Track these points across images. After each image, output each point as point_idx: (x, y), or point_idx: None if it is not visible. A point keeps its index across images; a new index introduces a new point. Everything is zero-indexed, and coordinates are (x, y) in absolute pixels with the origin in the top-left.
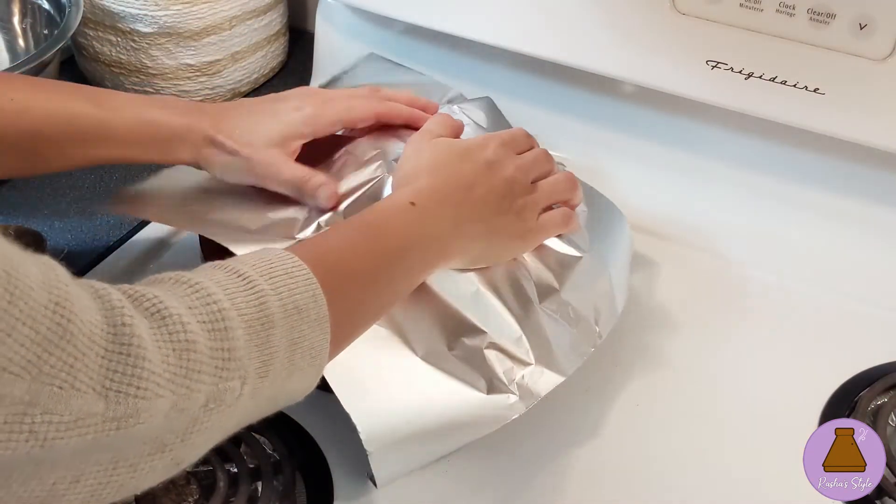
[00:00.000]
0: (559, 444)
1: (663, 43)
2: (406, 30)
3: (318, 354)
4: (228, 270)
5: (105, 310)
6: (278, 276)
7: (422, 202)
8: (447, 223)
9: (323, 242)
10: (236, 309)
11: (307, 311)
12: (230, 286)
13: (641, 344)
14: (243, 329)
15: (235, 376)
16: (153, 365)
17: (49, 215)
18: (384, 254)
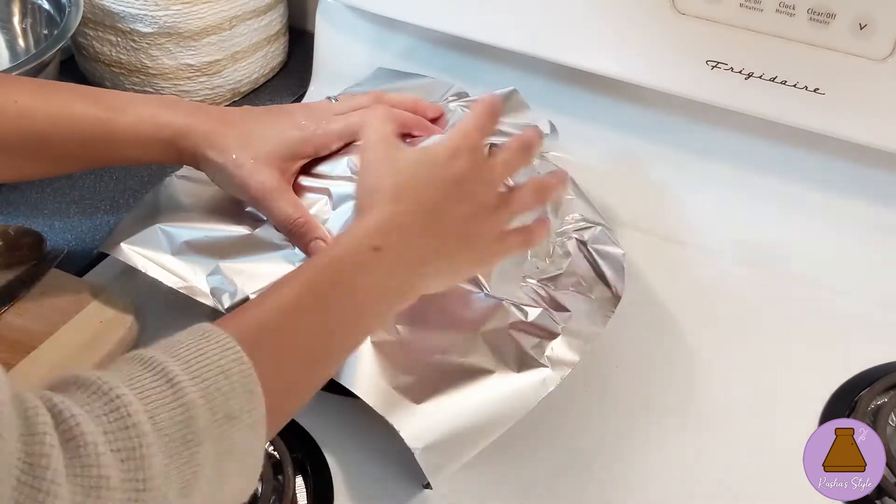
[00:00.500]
0: (559, 444)
1: (663, 43)
2: (406, 30)
3: (253, 457)
4: (156, 372)
5: (26, 435)
6: (212, 377)
7: (387, 244)
8: (412, 266)
9: (273, 307)
10: (157, 431)
11: (241, 417)
12: (155, 398)
13: (641, 344)
14: (163, 454)
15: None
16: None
17: (49, 215)
18: (342, 315)
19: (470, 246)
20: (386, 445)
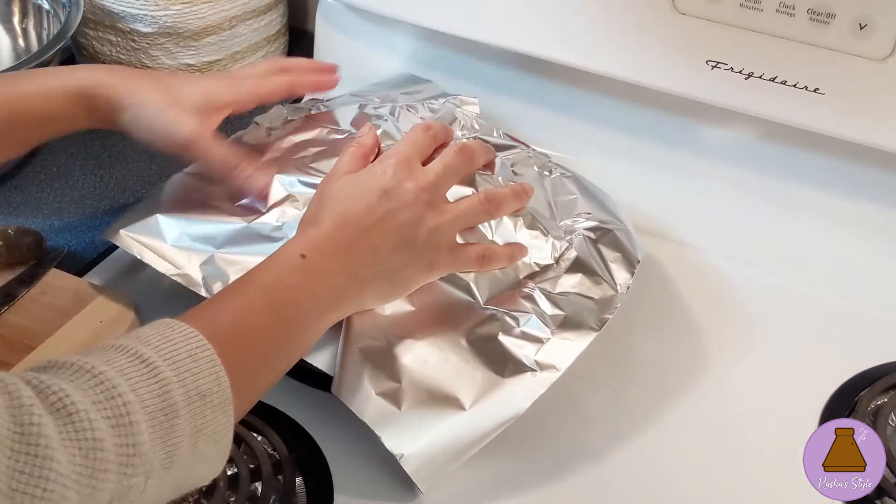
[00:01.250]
0: (559, 444)
1: (663, 43)
2: (406, 30)
3: (223, 438)
4: (130, 355)
5: (13, 408)
6: (182, 359)
7: (312, 254)
8: (339, 274)
9: (221, 309)
10: (140, 401)
11: (211, 395)
12: (133, 374)
13: (641, 344)
14: (147, 422)
15: (140, 472)
16: (60, 465)
17: (49, 215)
18: (279, 316)
19: (405, 251)
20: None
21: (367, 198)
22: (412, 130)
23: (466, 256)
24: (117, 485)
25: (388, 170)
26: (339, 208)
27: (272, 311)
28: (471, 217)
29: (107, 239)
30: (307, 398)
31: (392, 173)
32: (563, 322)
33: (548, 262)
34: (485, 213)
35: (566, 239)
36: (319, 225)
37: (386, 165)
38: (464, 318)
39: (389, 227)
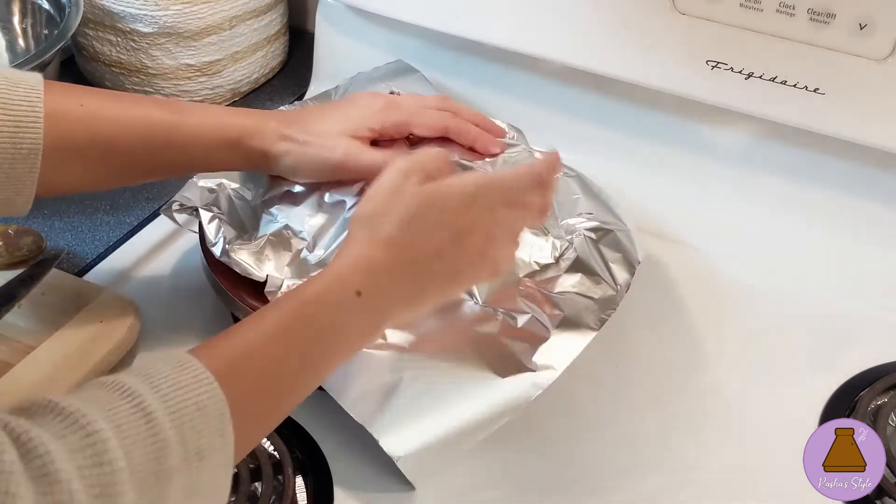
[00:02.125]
0: (558, 444)
1: (663, 43)
2: (406, 30)
3: (219, 493)
4: (134, 405)
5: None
6: (188, 412)
7: (368, 290)
8: (387, 311)
9: (251, 336)
10: (131, 468)
11: (211, 456)
12: (130, 432)
13: (642, 344)
14: (135, 491)
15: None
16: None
17: (49, 215)
18: (315, 350)
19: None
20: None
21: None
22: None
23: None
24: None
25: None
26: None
27: (310, 349)
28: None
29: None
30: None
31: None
32: (562, 322)
33: (548, 261)
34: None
35: (567, 238)
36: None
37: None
38: (462, 316)
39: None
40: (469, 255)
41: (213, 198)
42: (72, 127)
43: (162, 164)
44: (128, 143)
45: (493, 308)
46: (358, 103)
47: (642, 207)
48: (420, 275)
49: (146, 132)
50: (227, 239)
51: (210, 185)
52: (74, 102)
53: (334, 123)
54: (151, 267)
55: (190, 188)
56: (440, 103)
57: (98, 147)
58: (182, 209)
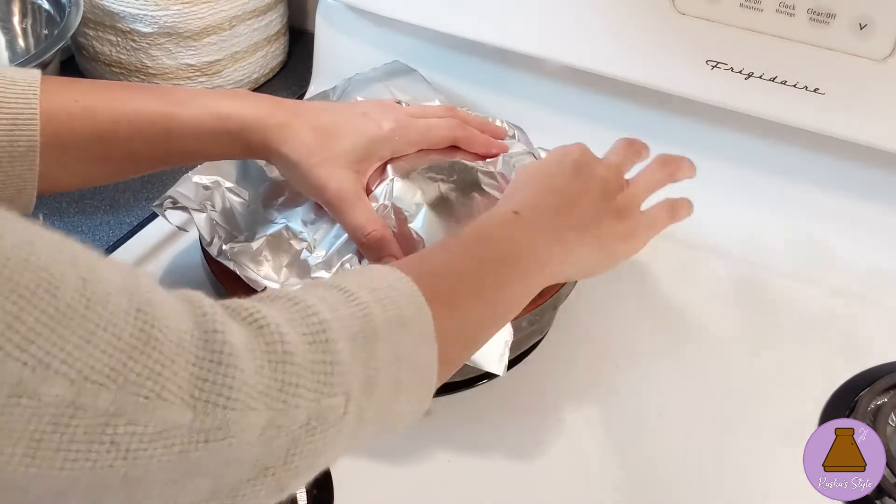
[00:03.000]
0: (557, 444)
1: (663, 43)
2: (406, 30)
3: (427, 373)
4: (328, 287)
5: (196, 315)
6: (381, 288)
7: (524, 211)
8: (548, 231)
9: (426, 257)
10: (339, 321)
11: (412, 324)
12: (331, 299)
13: (642, 343)
14: (346, 341)
15: (338, 392)
16: (246, 375)
17: (49, 215)
18: (488, 264)
19: (606, 220)
20: (386, 445)
21: (562, 170)
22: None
23: (659, 216)
24: (314, 403)
25: (573, 149)
26: (540, 181)
27: (480, 257)
28: (653, 183)
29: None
30: None
31: (578, 150)
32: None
33: None
34: (664, 175)
35: None
36: (524, 191)
37: (569, 148)
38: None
39: (589, 197)
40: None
41: (209, 195)
42: (68, 124)
43: (161, 156)
44: (126, 137)
45: None
46: (370, 118)
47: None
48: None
49: (144, 126)
50: (223, 239)
51: (205, 182)
52: (70, 99)
53: (341, 143)
54: (151, 267)
55: (184, 183)
56: (447, 114)
57: (96, 143)
58: (175, 207)
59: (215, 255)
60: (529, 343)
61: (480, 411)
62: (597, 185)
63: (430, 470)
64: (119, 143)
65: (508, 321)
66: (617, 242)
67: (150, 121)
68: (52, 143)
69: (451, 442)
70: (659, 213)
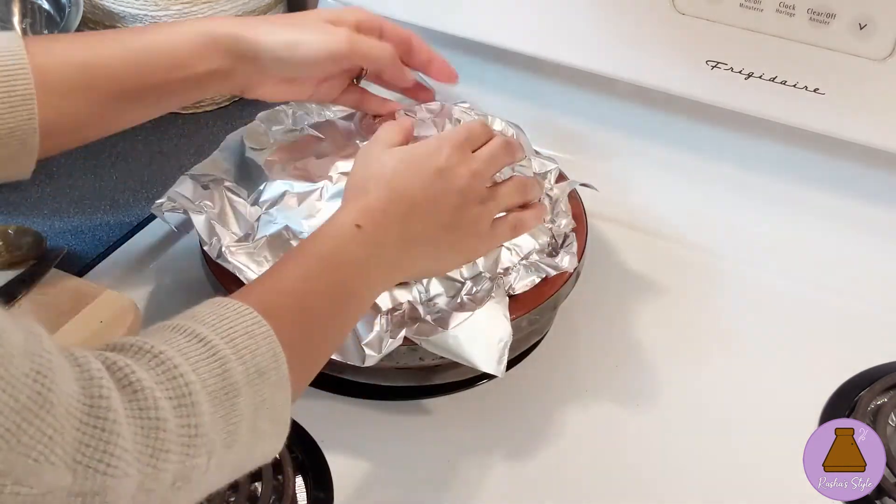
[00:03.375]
0: (557, 445)
1: (663, 43)
2: None
3: (281, 415)
4: (187, 334)
5: (83, 380)
6: (239, 337)
7: (367, 224)
8: (393, 245)
9: (278, 282)
10: (201, 381)
11: (269, 373)
12: (192, 354)
13: (641, 343)
14: (209, 402)
15: (202, 452)
16: (125, 442)
17: (49, 215)
18: (338, 288)
19: (456, 231)
20: (386, 445)
21: (421, 175)
22: (471, 122)
23: (502, 232)
24: (180, 465)
25: (444, 150)
26: (392, 180)
27: (329, 283)
28: (511, 199)
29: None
30: (307, 398)
31: (447, 154)
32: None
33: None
34: (522, 194)
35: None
36: (371, 194)
37: (441, 145)
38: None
39: (441, 207)
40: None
41: (208, 194)
42: (59, 65)
43: (155, 86)
44: (117, 74)
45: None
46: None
47: (642, 207)
48: (412, 212)
49: (133, 59)
50: (221, 239)
51: (204, 182)
52: (56, 44)
53: (317, 14)
54: (151, 267)
55: (182, 183)
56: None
57: (89, 83)
58: (173, 208)
59: (214, 256)
60: (529, 343)
61: (480, 411)
62: (453, 196)
63: (429, 470)
64: (111, 82)
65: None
66: (458, 254)
67: (138, 52)
68: (46, 88)
69: (451, 442)
70: (503, 230)
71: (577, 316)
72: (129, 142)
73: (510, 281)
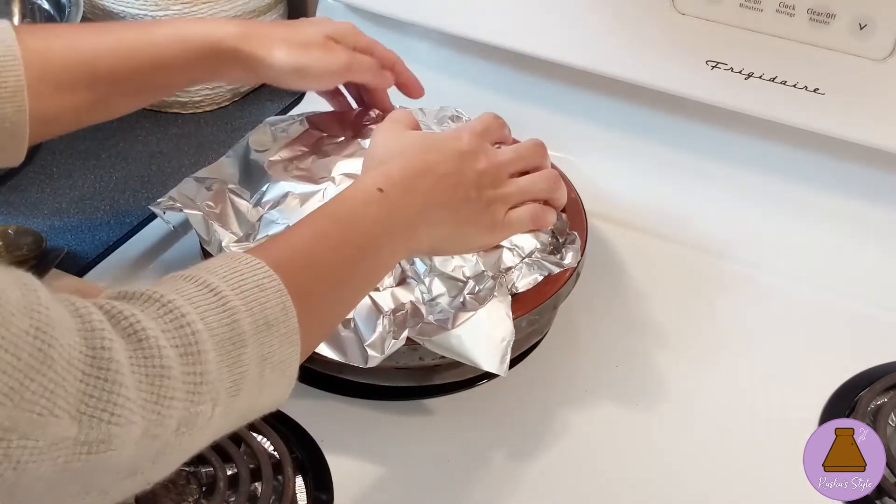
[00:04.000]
0: (557, 445)
1: (663, 43)
2: (406, 29)
3: (289, 367)
4: (199, 284)
5: (85, 331)
6: (249, 289)
7: (389, 188)
8: (414, 209)
9: (293, 239)
10: (208, 329)
11: (277, 325)
12: (201, 303)
13: (641, 343)
14: (215, 351)
15: (207, 399)
16: (128, 391)
17: (49, 215)
18: (354, 247)
19: (474, 205)
20: (386, 445)
21: (442, 153)
22: (485, 115)
23: (520, 219)
24: (184, 412)
25: (464, 136)
26: (414, 154)
27: (345, 242)
28: (532, 192)
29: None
30: (307, 398)
31: (467, 139)
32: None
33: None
34: (547, 189)
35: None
36: (394, 163)
37: (460, 131)
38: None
39: (462, 181)
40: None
41: (210, 195)
42: (51, 58)
43: (144, 81)
44: (109, 67)
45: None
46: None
47: (642, 207)
48: (434, 187)
49: (125, 54)
50: (221, 238)
51: (207, 183)
52: (50, 35)
53: (309, 31)
54: (151, 267)
55: (186, 184)
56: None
57: (80, 74)
58: (172, 206)
59: (215, 255)
60: (529, 343)
61: (480, 411)
62: (472, 175)
63: (429, 470)
64: (103, 74)
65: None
66: (477, 231)
67: (130, 47)
68: (37, 80)
69: (452, 442)
70: (522, 217)
71: (577, 316)
72: (129, 142)
73: (513, 279)
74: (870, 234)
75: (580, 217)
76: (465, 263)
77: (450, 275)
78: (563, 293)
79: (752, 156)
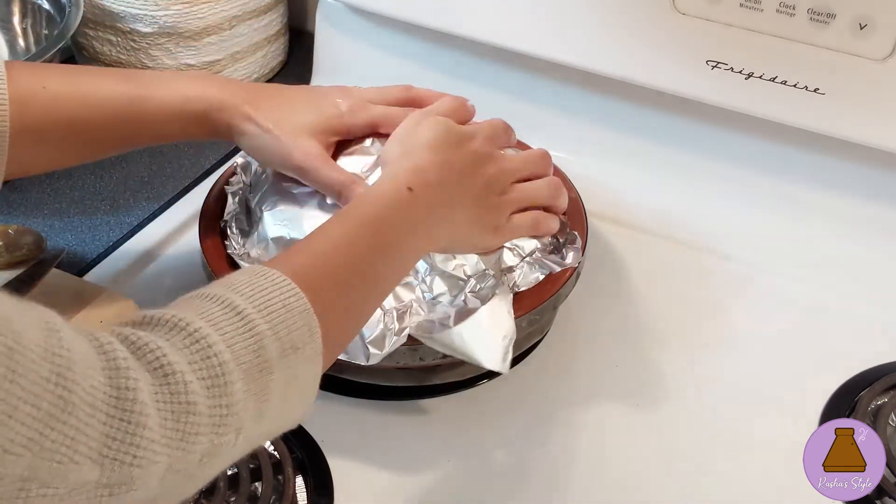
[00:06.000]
0: (560, 444)
1: (663, 43)
2: (406, 29)
3: (310, 389)
4: (224, 305)
5: (109, 369)
6: (276, 310)
7: (419, 187)
8: (441, 208)
9: (319, 247)
10: (235, 359)
11: (304, 348)
12: (227, 328)
13: (641, 343)
14: (242, 381)
15: (231, 430)
16: (152, 433)
17: (49, 215)
18: (381, 252)
19: (486, 208)
20: (386, 445)
21: (462, 152)
22: (494, 119)
23: (520, 224)
24: (209, 445)
25: (478, 138)
26: (440, 151)
27: (371, 246)
28: (535, 199)
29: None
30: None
31: (480, 142)
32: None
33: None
34: (549, 197)
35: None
36: (423, 155)
37: (475, 131)
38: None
39: (478, 184)
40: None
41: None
42: (37, 110)
43: (128, 138)
44: (93, 121)
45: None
46: (328, 99)
47: (641, 207)
48: (458, 186)
49: (111, 110)
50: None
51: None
52: (38, 84)
53: (303, 116)
54: (151, 267)
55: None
56: (403, 94)
57: (64, 128)
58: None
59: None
60: (529, 343)
61: (480, 411)
62: (483, 178)
63: (429, 470)
64: (87, 128)
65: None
66: (484, 232)
67: (118, 104)
68: (20, 129)
69: (452, 442)
70: (524, 223)
71: (577, 316)
72: None
73: (514, 278)
74: (870, 233)
75: (580, 217)
76: (466, 262)
77: (451, 273)
78: (563, 293)
79: (752, 156)
